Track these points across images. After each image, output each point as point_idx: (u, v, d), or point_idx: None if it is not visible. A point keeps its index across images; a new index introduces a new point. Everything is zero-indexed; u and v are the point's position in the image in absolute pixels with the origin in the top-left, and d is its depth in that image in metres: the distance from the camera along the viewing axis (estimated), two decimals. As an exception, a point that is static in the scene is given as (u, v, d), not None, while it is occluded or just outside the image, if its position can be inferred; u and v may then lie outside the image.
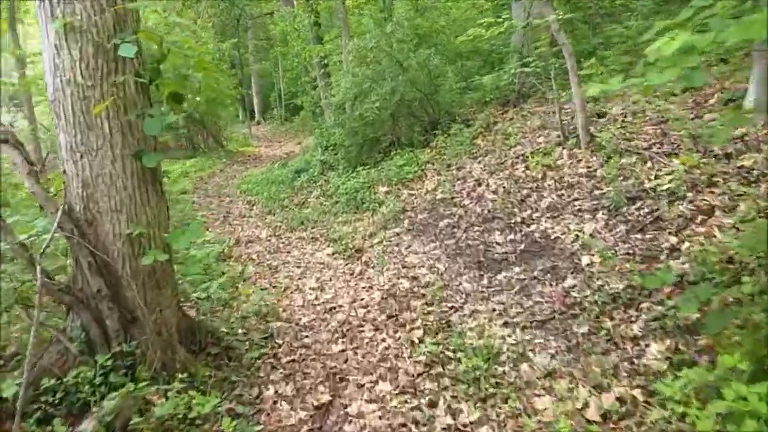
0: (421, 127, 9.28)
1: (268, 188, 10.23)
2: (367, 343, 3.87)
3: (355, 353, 3.73)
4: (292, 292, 5.12)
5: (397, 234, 6.21)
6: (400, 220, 6.62)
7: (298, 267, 5.91)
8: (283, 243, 6.97)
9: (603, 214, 4.79)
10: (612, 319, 3.46)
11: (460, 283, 4.60)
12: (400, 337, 3.85)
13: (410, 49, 9.36)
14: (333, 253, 6.11)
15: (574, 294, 3.87)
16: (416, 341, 3.72)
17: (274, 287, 5.28)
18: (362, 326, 4.14)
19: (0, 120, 2.75)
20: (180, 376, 3.00)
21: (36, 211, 3.33)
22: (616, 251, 4.17)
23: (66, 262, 3.25)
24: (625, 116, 6.36)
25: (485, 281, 4.54)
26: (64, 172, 2.90)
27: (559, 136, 6.56)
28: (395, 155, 8.73)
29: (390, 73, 9.15)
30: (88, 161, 2.84)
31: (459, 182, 6.86)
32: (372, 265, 5.52)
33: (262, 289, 5.18)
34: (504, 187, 6.20)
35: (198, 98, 15.76)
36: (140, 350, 2.99)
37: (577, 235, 4.63)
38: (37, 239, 2.98)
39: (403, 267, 5.24)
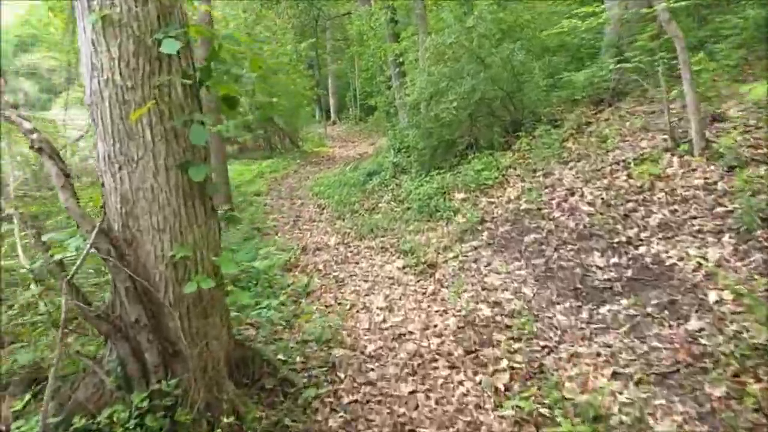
0: (502, 128, 8.59)
1: (339, 191, 9.91)
2: (441, 384, 3.31)
3: (428, 397, 3.19)
4: (358, 311, 4.65)
5: (475, 248, 5.60)
6: (478, 232, 6.00)
7: (366, 281, 5.45)
8: (351, 252, 6.55)
9: (730, 237, 3.95)
10: (758, 380, 2.70)
11: (554, 315, 3.93)
12: (481, 381, 3.26)
13: (492, 45, 8.68)
14: (403, 267, 5.59)
15: (702, 340, 3.11)
16: (501, 388, 3.12)
17: (339, 304, 4.84)
18: (436, 361, 3.59)
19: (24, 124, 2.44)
20: (226, 419, 2.60)
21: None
22: (752, 287, 3.36)
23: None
24: (747, 119, 5.38)
25: (585, 314, 3.84)
26: (103, 185, 2.58)
27: (666, 140, 5.68)
28: (473, 159, 8.10)
29: (470, 70, 8.53)
30: (127, 173, 2.49)
31: (547, 191, 6.13)
32: (446, 284, 4.95)
33: (326, 306, 4.77)
34: (603, 199, 5.41)
35: (275, 99, 15.89)
36: (182, 388, 2.61)
37: (700, 263, 3.82)
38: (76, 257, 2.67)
39: (483, 289, 4.63)
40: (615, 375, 3.06)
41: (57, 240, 2.55)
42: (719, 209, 4.36)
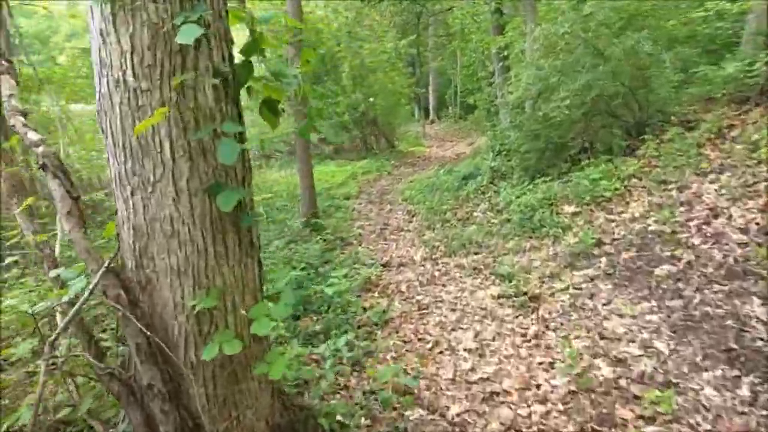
0: (623, 130, 7.42)
1: (430, 196, 9.19)
2: (545, 483, 2.50)
3: (526, 502, 2.39)
4: (441, 352, 3.91)
5: (591, 279, 4.62)
6: (593, 257, 5.00)
7: (453, 310, 4.68)
8: (438, 271, 5.79)
9: None
10: None
11: (701, 387, 2.93)
12: (601, 486, 2.41)
13: (613, 34, 7.52)
14: (499, 296, 4.75)
15: None
16: (632, 506, 2.25)
17: (420, 340, 4.13)
18: (538, 442, 2.76)
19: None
20: None
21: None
22: None
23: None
24: None
25: (745, 391, 2.81)
26: (116, 213, 2.07)
27: None
28: (587, 165, 7.02)
29: (585, 63, 7.44)
30: (141, 199, 1.96)
31: (682, 209, 4.98)
32: (553, 325, 4.05)
33: (404, 342, 4.08)
34: (758, 224, 4.24)
35: (372, 99, 15.51)
36: (204, 473, 2.04)
37: None
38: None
39: (601, 338, 3.69)
40: None
41: (67, 278, 2.09)
42: None
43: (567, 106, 7.07)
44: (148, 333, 1.95)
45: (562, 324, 4.03)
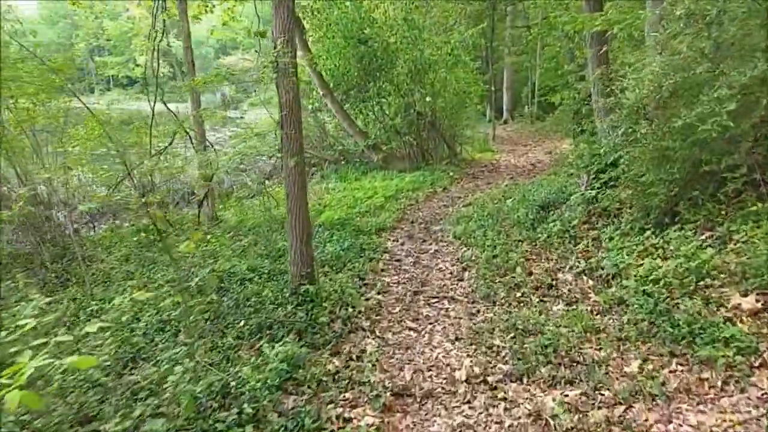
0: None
1: (493, 234, 6.46)
2: None
3: None
4: None
5: None
6: None
7: None
8: (498, 423, 3.10)
9: None
10: None
11: None
12: None
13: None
14: None
15: None
16: None
17: None
18: None
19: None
20: None
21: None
22: None
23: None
24: None
25: None
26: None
27: None
28: (761, 213, 4.15)
29: (759, 44, 4.61)
30: None
31: None
32: None
33: None
34: None
35: (429, 99, 12.85)
36: None
37: None
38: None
39: None
40: None
41: None
42: None
43: (726, 112, 4.20)
44: None
45: None
